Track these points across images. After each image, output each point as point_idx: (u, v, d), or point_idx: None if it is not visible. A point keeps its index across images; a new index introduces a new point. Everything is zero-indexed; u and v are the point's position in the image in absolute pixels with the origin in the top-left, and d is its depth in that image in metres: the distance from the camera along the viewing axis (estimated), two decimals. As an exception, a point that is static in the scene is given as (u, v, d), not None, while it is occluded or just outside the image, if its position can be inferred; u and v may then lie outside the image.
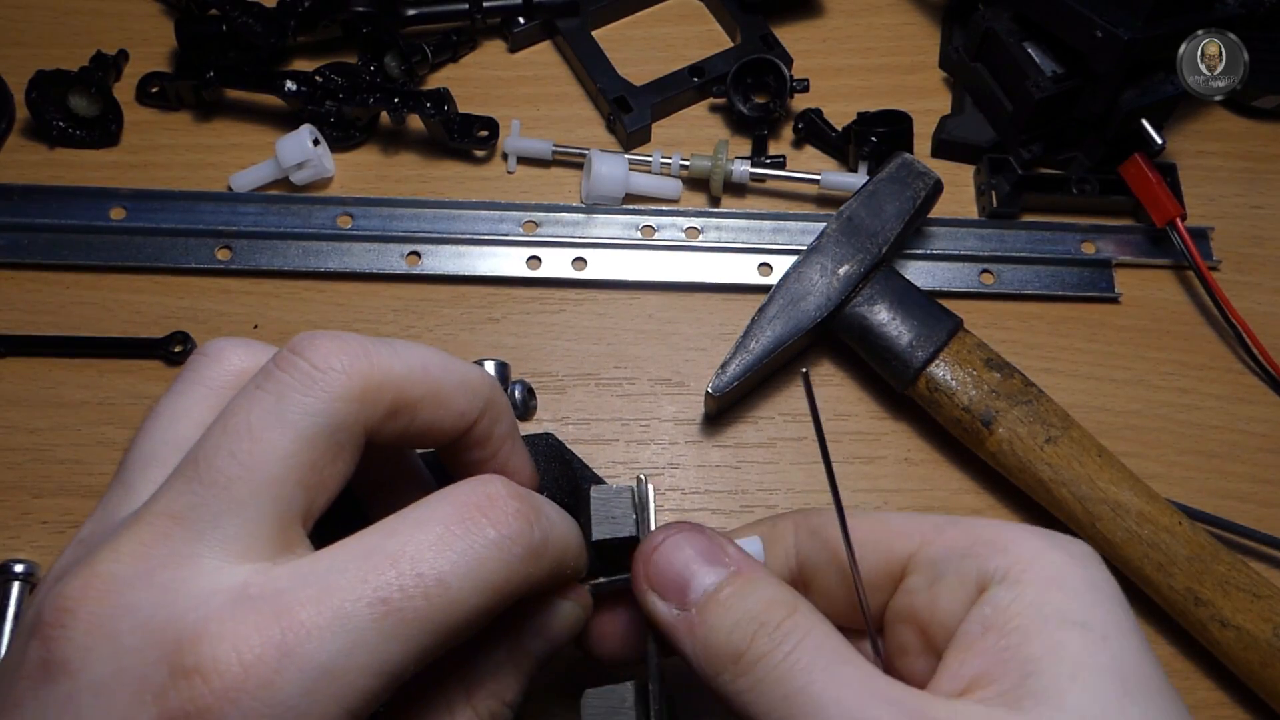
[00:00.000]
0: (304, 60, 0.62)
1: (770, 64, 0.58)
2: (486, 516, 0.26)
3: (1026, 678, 0.25)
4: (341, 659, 0.23)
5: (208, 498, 0.24)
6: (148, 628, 0.23)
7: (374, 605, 0.23)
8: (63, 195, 0.56)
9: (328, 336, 0.26)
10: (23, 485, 0.49)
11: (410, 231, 0.56)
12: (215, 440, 0.25)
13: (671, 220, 0.57)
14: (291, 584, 0.23)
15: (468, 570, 0.25)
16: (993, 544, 0.28)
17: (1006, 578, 0.27)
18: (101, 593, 0.23)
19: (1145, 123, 0.54)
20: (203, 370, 0.28)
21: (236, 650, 0.22)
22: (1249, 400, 0.53)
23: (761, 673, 0.27)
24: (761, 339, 0.49)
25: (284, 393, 0.25)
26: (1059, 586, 0.27)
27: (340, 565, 0.24)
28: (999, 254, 0.56)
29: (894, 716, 0.25)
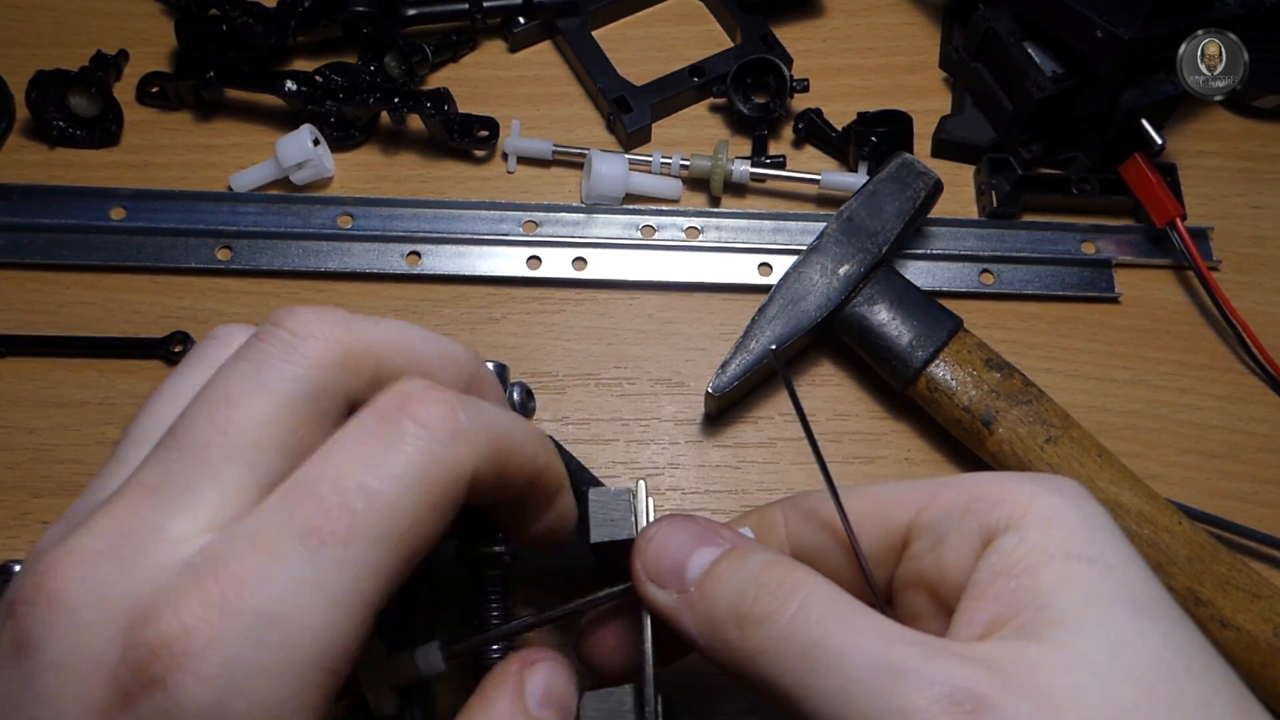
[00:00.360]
0: (304, 60, 0.62)
1: (770, 64, 0.58)
2: (403, 413, 0.25)
3: (1040, 610, 0.26)
4: (285, 602, 0.22)
5: (183, 464, 0.24)
6: (106, 603, 0.22)
7: (305, 538, 0.23)
8: (63, 195, 0.56)
9: (308, 308, 0.26)
10: (23, 485, 0.49)
11: (410, 231, 0.56)
12: (194, 410, 0.25)
13: (671, 220, 0.57)
14: (222, 544, 0.23)
15: (389, 470, 0.24)
16: (989, 497, 0.29)
17: (1009, 526, 0.28)
18: (68, 568, 0.23)
19: (1145, 123, 0.54)
20: (208, 352, 0.28)
21: (178, 615, 0.22)
22: (1249, 400, 0.54)
23: (773, 630, 0.27)
24: (761, 339, 0.49)
25: (263, 360, 0.25)
26: (1059, 525, 0.27)
27: (266, 512, 0.23)
28: (999, 254, 0.56)
29: (921, 655, 0.25)
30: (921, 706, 0.24)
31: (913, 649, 0.25)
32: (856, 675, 0.25)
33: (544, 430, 0.31)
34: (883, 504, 0.31)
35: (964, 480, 0.30)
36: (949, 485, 0.30)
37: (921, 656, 0.25)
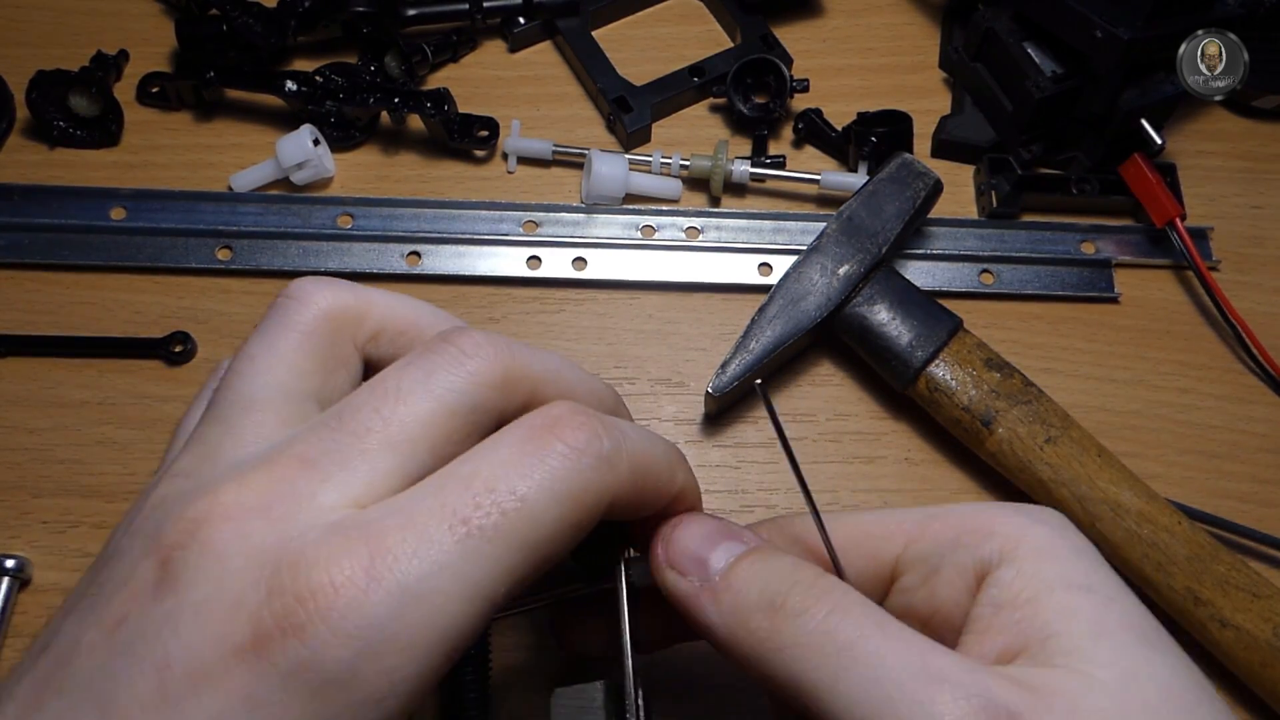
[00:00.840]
0: (304, 60, 0.62)
1: (770, 64, 0.58)
2: (553, 432, 0.26)
3: (1049, 640, 0.26)
4: (427, 581, 0.23)
5: (342, 444, 0.25)
6: (254, 553, 0.23)
7: (454, 526, 0.24)
8: (63, 195, 0.56)
9: (478, 331, 0.28)
10: (23, 485, 0.49)
11: (410, 231, 0.56)
12: (363, 398, 0.26)
13: (671, 220, 0.57)
14: (379, 514, 0.24)
15: (540, 482, 0.25)
16: (978, 530, 0.29)
17: (1003, 559, 0.28)
18: (222, 518, 0.24)
19: (1145, 123, 0.54)
20: (292, 314, 0.29)
21: (328, 572, 0.23)
22: (1249, 400, 0.54)
23: (808, 624, 0.27)
24: (761, 339, 0.49)
25: (433, 369, 0.27)
26: (1052, 556, 0.28)
27: (420, 494, 0.25)
28: (999, 254, 0.56)
29: (959, 666, 0.25)
30: (958, 715, 0.24)
31: (949, 659, 0.26)
32: (894, 678, 0.25)
33: (676, 445, 0.31)
34: (870, 534, 0.31)
35: (951, 513, 0.30)
36: (937, 518, 0.30)
37: (958, 667, 0.25)
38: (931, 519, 0.30)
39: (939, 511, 0.31)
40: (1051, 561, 0.28)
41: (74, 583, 0.27)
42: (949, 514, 0.30)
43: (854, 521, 0.32)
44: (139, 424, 0.51)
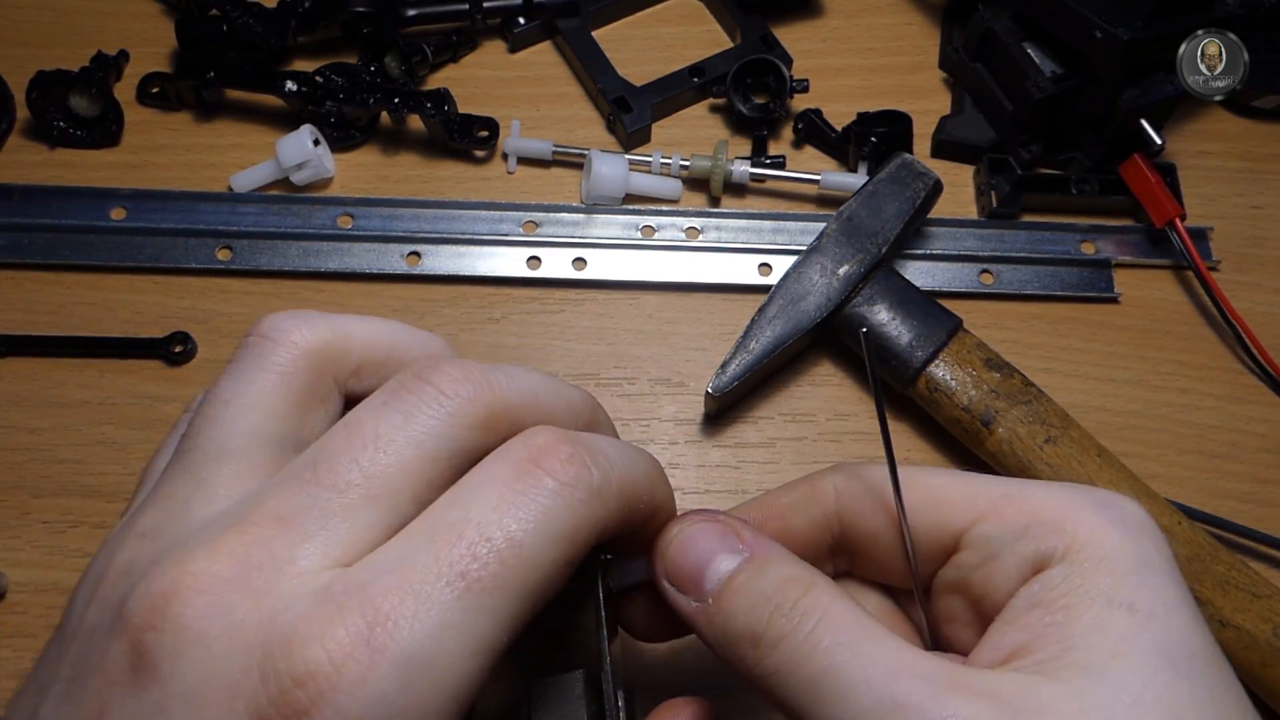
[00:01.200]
0: (304, 60, 0.62)
1: (770, 64, 0.58)
2: (541, 467, 0.25)
3: (1067, 651, 0.26)
4: (433, 643, 0.22)
5: (321, 499, 0.24)
6: (238, 632, 0.22)
7: (453, 582, 0.23)
8: (63, 195, 0.56)
9: (453, 365, 0.27)
10: (23, 485, 0.49)
11: (410, 231, 0.56)
12: (339, 445, 0.25)
13: (671, 220, 0.57)
14: (370, 576, 0.23)
15: (535, 525, 0.24)
16: (1050, 523, 0.28)
17: (1061, 558, 0.27)
18: (194, 592, 0.22)
19: (1145, 123, 0.54)
20: (269, 355, 0.27)
21: (326, 650, 0.21)
22: (1249, 400, 0.54)
23: (784, 654, 0.27)
24: (761, 339, 0.49)
25: (412, 413, 0.25)
26: (1110, 568, 0.27)
27: (410, 548, 0.24)
28: (999, 254, 0.56)
29: (925, 690, 0.25)
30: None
31: (919, 684, 0.25)
32: (861, 707, 0.25)
33: (649, 453, 0.31)
34: (941, 500, 0.30)
35: (1028, 496, 0.29)
36: (1014, 500, 0.29)
37: (926, 692, 0.25)
38: (1008, 500, 0.29)
39: (1017, 492, 0.29)
40: (1107, 572, 0.27)
41: (74, 583, 0.26)
42: (1026, 497, 0.29)
43: (929, 483, 0.31)
44: (139, 424, 0.51)
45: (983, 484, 0.30)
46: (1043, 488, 0.29)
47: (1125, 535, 0.28)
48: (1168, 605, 0.26)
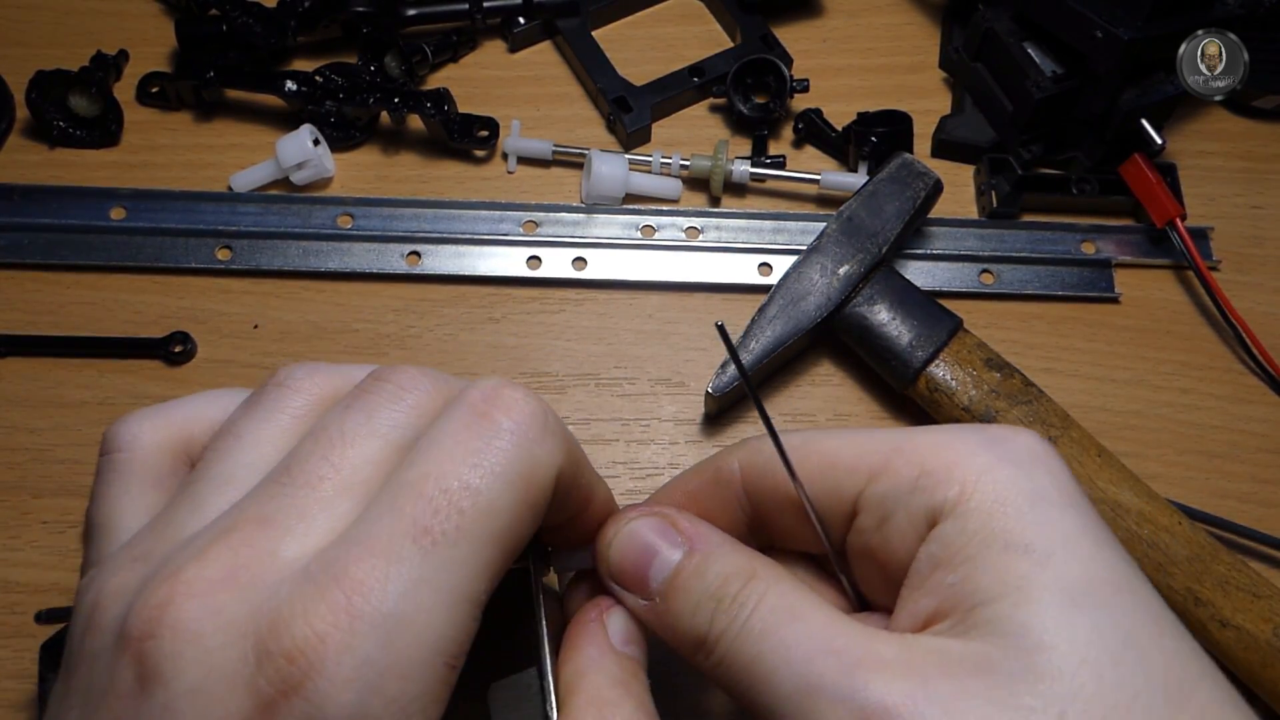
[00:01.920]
0: (304, 60, 0.62)
1: (770, 64, 0.58)
2: (495, 407, 0.26)
3: (973, 608, 0.26)
4: (407, 601, 0.23)
5: (297, 497, 0.25)
6: (231, 625, 0.23)
7: (418, 538, 0.23)
8: (63, 195, 0.56)
9: (409, 366, 0.28)
10: (23, 485, 0.49)
11: (410, 231, 0.56)
12: (308, 448, 0.26)
13: (671, 220, 0.57)
14: (340, 550, 0.24)
15: (490, 470, 0.25)
16: (937, 472, 0.27)
17: (952, 510, 0.27)
18: (186, 597, 0.23)
19: (1145, 123, 0.54)
20: (286, 400, 0.29)
21: (309, 624, 0.22)
22: (1249, 400, 0.53)
23: (724, 648, 0.27)
24: (761, 339, 0.49)
25: (374, 409, 0.27)
26: (1002, 510, 0.26)
27: (375, 514, 0.24)
28: (999, 254, 0.56)
29: (837, 669, 0.25)
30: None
31: (831, 663, 0.25)
32: (783, 693, 0.26)
33: None
34: (834, 464, 0.29)
35: (915, 446, 0.28)
36: (902, 451, 0.28)
37: (839, 670, 0.25)
38: (896, 453, 0.28)
39: (905, 443, 0.29)
40: (1000, 514, 0.26)
41: (74, 583, 0.27)
42: (914, 447, 0.28)
43: (822, 447, 0.30)
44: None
45: (873, 440, 0.29)
46: (931, 433, 0.29)
47: (1017, 472, 0.27)
48: (1066, 537, 0.26)
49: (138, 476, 0.29)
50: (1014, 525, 0.26)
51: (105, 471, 0.29)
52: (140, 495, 0.28)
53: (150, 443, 0.29)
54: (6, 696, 0.45)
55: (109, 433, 0.30)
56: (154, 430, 0.30)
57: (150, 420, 0.30)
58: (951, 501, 0.27)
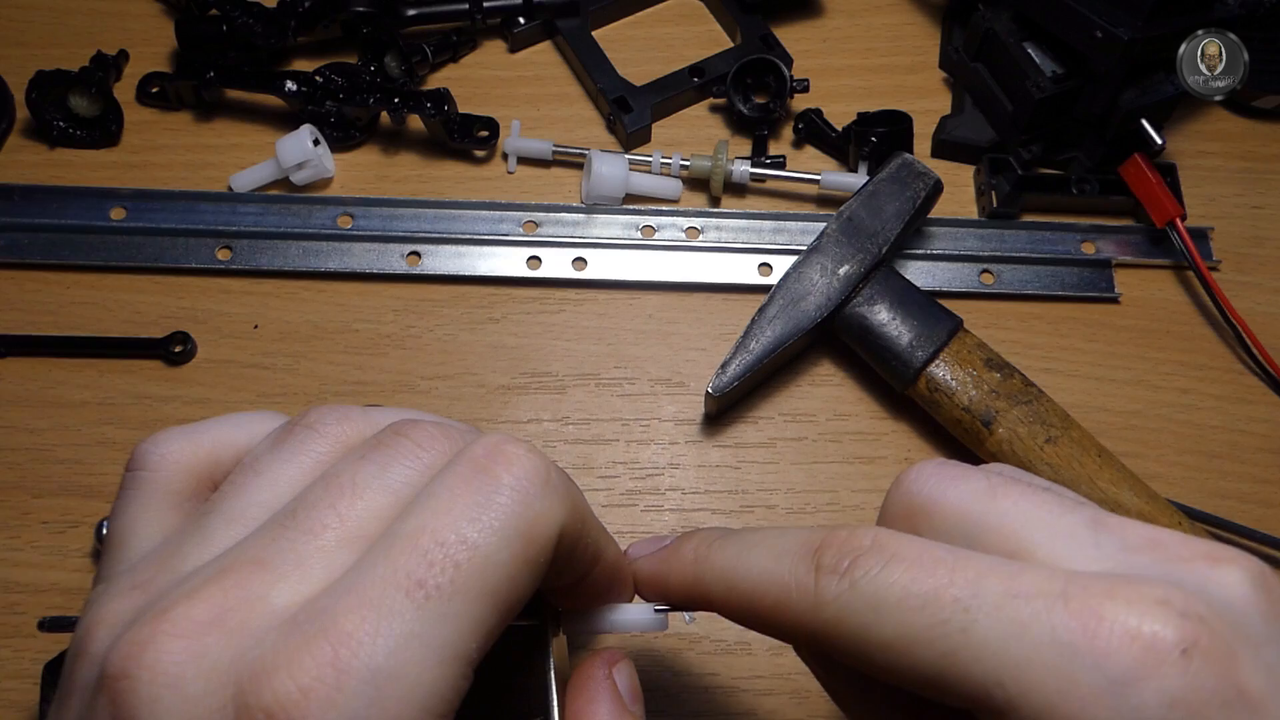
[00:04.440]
0: (304, 60, 0.62)
1: (770, 64, 0.58)
2: (496, 463, 0.25)
3: None
4: (398, 656, 0.22)
5: (297, 542, 0.24)
6: (213, 672, 0.22)
7: (411, 591, 0.23)
8: (63, 195, 0.56)
9: (428, 422, 0.27)
10: (23, 485, 0.49)
11: (410, 231, 0.56)
12: (317, 494, 0.25)
13: (671, 220, 0.57)
14: (330, 599, 0.23)
15: (490, 523, 0.24)
16: (997, 712, 0.23)
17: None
18: (170, 638, 0.22)
19: (1145, 123, 0.54)
20: (312, 444, 0.28)
21: (293, 677, 0.21)
22: (1249, 400, 0.54)
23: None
24: (761, 339, 0.49)
25: (388, 463, 0.26)
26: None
27: (368, 564, 0.23)
28: (999, 254, 0.56)
29: None
30: None
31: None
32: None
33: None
34: (872, 659, 0.25)
35: (973, 661, 0.23)
36: (956, 665, 0.23)
37: None
38: (951, 662, 0.23)
39: (962, 648, 0.23)
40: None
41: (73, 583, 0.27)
42: (970, 663, 0.23)
43: (872, 638, 0.25)
44: (139, 424, 0.51)
45: (968, 664, 0.23)
46: (1038, 672, 0.22)
47: (1113, 706, 0.22)
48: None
49: (161, 497, 0.28)
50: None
51: (129, 488, 0.28)
52: (159, 516, 0.28)
53: (178, 464, 0.29)
54: (6, 696, 0.45)
55: (139, 450, 0.29)
56: (183, 452, 0.29)
57: (180, 442, 0.29)
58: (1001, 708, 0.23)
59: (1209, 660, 0.21)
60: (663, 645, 0.46)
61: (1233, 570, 0.24)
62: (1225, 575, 0.24)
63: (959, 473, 0.28)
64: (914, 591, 0.24)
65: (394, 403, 0.52)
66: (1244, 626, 0.22)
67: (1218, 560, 0.24)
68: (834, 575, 0.26)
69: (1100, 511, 0.26)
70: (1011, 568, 0.24)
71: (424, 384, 0.52)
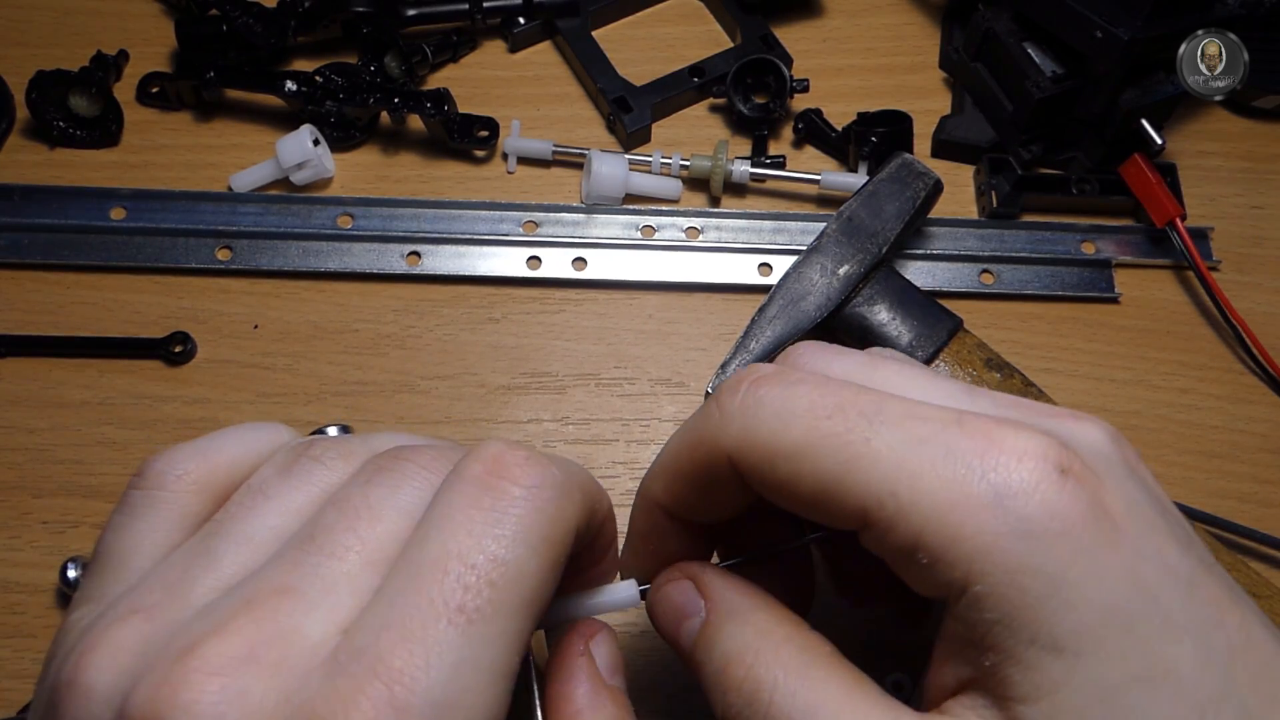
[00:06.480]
0: (304, 60, 0.62)
1: (770, 64, 0.58)
2: (504, 477, 0.25)
3: (1007, 701, 0.25)
4: (453, 686, 0.22)
5: (321, 567, 0.24)
6: (258, 714, 0.21)
7: (453, 619, 0.22)
8: (63, 195, 0.56)
9: (425, 446, 0.27)
10: (23, 485, 0.49)
11: (410, 231, 0.56)
12: (332, 518, 0.25)
13: (671, 220, 0.57)
14: (371, 636, 0.22)
15: (513, 536, 0.24)
16: (935, 550, 0.25)
17: (964, 595, 0.25)
18: (205, 676, 0.21)
19: (1145, 123, 0.54)
20: (315, 473, 0.28)
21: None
22: (1249, 400, 0.54)
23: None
24: (761, 339, 0.49)
25: (398, 485, 0.26)
26: (1020, 596, 0.24)
27: (398, 595, 0.23)
28: (999, 254, 0.56)
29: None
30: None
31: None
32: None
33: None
34: (823, 496, 0.27)
35: (911, 501, 0.25)
36: (896, 506, 0.25)
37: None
38: (890, 503, 0.25)
39: (902, 488, 0.25)
40: (1018, 603, 0.24)
41: (73, 583, 0.26)
42: (909, 504, 0.25)
43: (814, 470, 0.27)
44: (139, 424, 0.51)
45: (865, 470, 0.26)
46: (928, 475, 0.25)
47: (1029, 547, 0.24)
48: (1093, 630, 0.24)
49: (177, 519, 0.27)
50: (1035, 617, 0.24)
51: (137, 504, 0.27)
52: (169, 538, 0.27)
53: (196, 484, 0.28)
54: (7, 696, 0.45)
55: (150, 467, 0.28)
56: (200, 471, 0.28)
57: (197, 460, 0.28)
58: (959, 584, 0.25)
59: (1082, 483, 0.25)
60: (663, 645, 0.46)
61: (1094, 426, 0.27)
62: (1088, 429, 0.27)
63: (839, 349, 0.31)
64: (821, 403, 0.27)
65: (394, 402, 0.52)
66: (1107, 464, 0.26)
67: (1080, 417, 0.28)
68: (735, 395, 0.28)
69: (972, 385, 0.29)
70: (909, 398, 0.27)
71: (424, 384, 0.52)
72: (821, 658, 0.28)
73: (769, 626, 0.29)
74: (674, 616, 0.31)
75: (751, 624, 0.29)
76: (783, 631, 0.29)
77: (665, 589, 0.31)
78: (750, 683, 0.27)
